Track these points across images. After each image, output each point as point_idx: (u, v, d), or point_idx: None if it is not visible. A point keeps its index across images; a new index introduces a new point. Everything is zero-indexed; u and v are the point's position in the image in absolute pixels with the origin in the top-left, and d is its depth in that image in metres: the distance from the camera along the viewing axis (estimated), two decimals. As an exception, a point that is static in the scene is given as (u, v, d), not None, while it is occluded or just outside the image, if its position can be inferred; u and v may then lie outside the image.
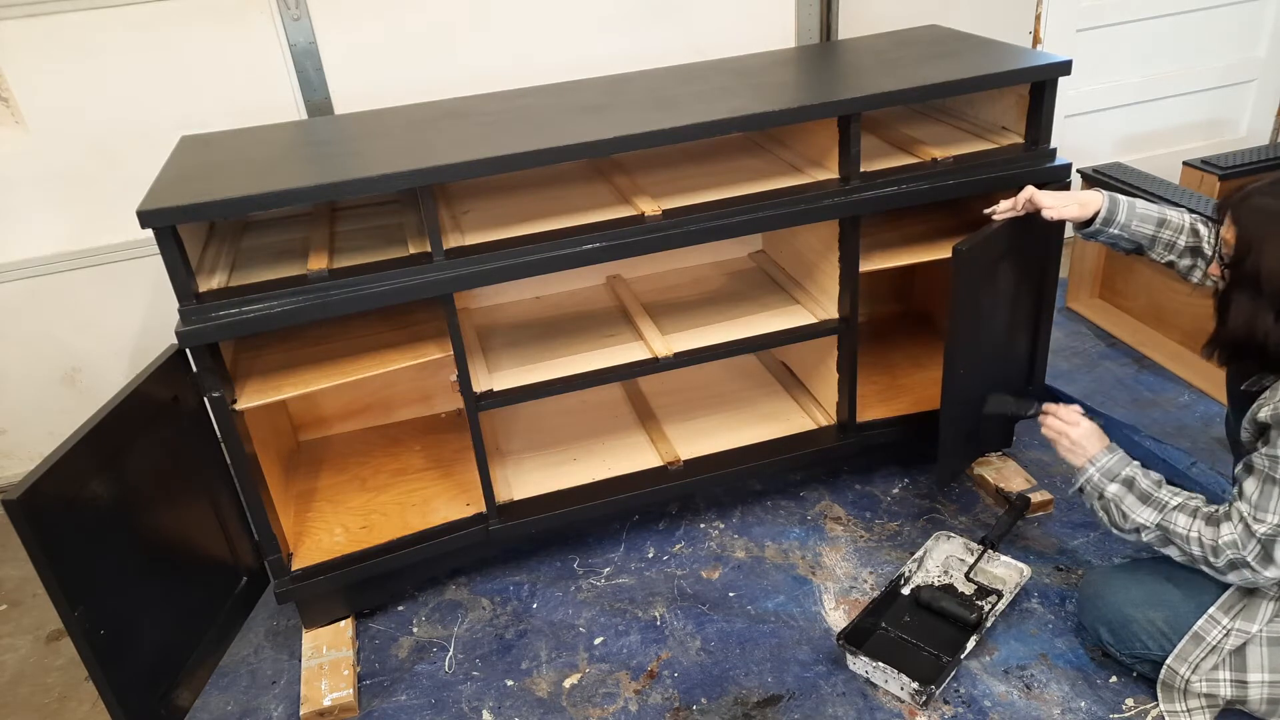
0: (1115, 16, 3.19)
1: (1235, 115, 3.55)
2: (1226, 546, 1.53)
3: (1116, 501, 1.67)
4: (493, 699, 1.88)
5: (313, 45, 2.33)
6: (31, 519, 1.53)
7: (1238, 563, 1.53)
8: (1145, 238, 1.83)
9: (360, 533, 2.07)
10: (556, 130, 1.89)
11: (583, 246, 1.85)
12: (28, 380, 2.51)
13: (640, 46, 2.55)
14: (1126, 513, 1.66)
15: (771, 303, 2.28)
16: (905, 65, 2.10)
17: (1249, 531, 1.51)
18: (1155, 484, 1.66)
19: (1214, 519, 1.57)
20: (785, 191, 1.97)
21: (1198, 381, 2.61)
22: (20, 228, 2.33)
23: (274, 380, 1.86)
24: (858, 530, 2.23)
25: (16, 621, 2.22)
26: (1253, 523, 1.51)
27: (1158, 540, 1.64)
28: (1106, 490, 1.69)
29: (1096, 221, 1.83)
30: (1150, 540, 1.65)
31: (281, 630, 2.10)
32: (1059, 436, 1.78)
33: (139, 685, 1.77)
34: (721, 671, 1.89)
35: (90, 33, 2.18)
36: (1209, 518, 1.58)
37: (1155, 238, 1.82)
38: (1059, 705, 1.75)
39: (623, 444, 2.30)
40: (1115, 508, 1.68)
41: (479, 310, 2.41)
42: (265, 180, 1.73)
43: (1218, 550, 1.54)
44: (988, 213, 1.93)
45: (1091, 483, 1.72)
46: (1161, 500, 1.63)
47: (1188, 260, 1.81)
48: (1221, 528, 1.55)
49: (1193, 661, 1.63)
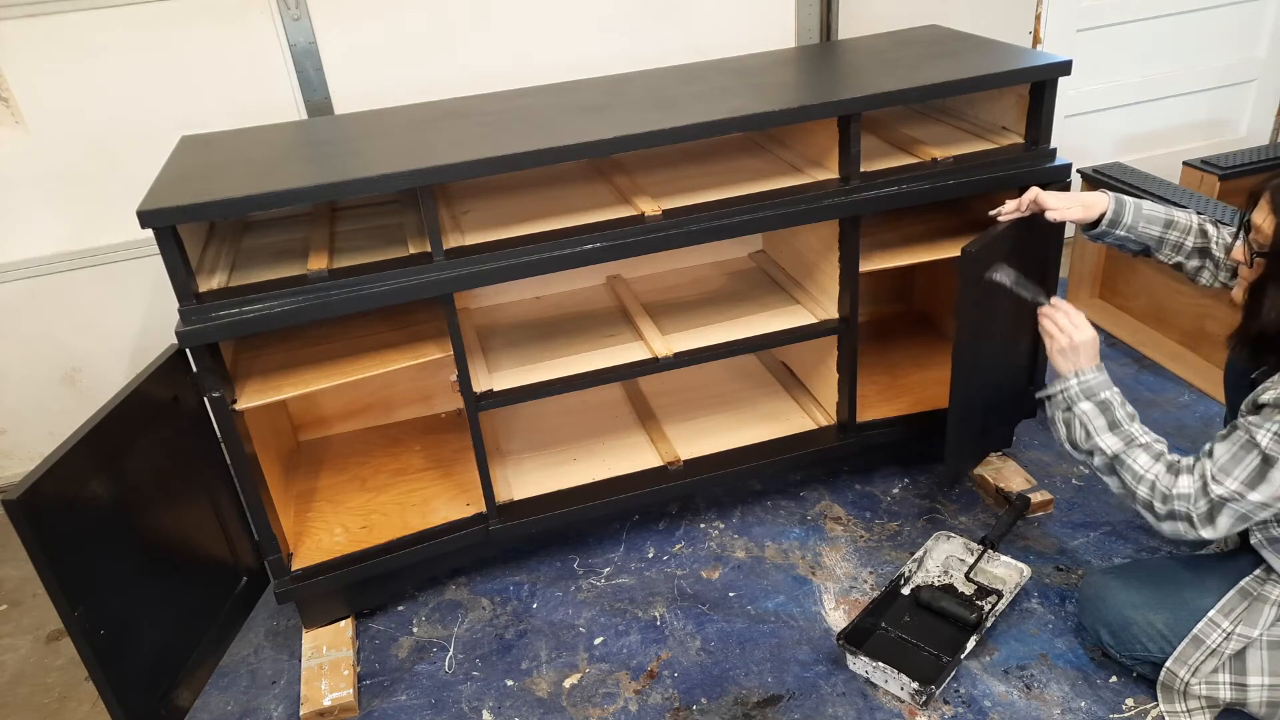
0: (1115, 16, 3.19)
1: (1235, 115, 3.54)
2: (1177, 498, 1.53)
3: (1085, 419, 1.64)
4: (493, 699, 1.88)
5: (313, 45, 2.33)
6: (31, 519, 1.53)
7: (1179, 514, 1.53)
8: (1152, 239, 1.81)
9: (360, 533, 2.07)
10: (556, 130, 1.89)
11: (583, 246, 1.85)
12: (28, 380, 2.51)
13: (640, 46, 2.55)
14: (1091, 433, 1.63)
15: (771, 303, 2.28)
16: (905, 65, 2.10)
17: (1204, 490, 1.50)
18: (1129, 416, 1.64)
19: (1175, 468, 1.56)
20: (785, 191, 1.97)
21: (1198, 381, 2.61)
22: (20, 228, 2.33)
23: (274, 380, 1.86)
24: (858, 530, 2.23)
25: (16, 621, 2.22)
26: (1211, 482, 1.50)
27: (1104, 467, 1.63)
28: (1078, 405, 1.65)
29: (1103, 223, 1.82)
30: (1097, 465, 1.64)
31: (281, 630, 2.10)
32: (1059, 333, 1.70)
33: (139, 685, 1.77)
34: (721, 671, 1.89)
35: (90, 33, 2.18)
36: (1170, 465, 1.57)
37: (1162, 239, 1.81)
38: (1059, 705, 1.75)
39: (623, 444, 2.30)
40: (1080, 425, 1.64)
41: (479, 310, 2.41)
42: (265, 180, 1.73)
43: (1167, 498, 1.54)
44: (993, 214, 1.93)
45: (1068, 393, 1.67)
46: (1130, 434, 1.62)
47: (1195, 261, 1.80)
48: (1180, 478, 1.54)
49: (1192, 664, 1.63)
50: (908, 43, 2.30)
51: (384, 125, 2.05)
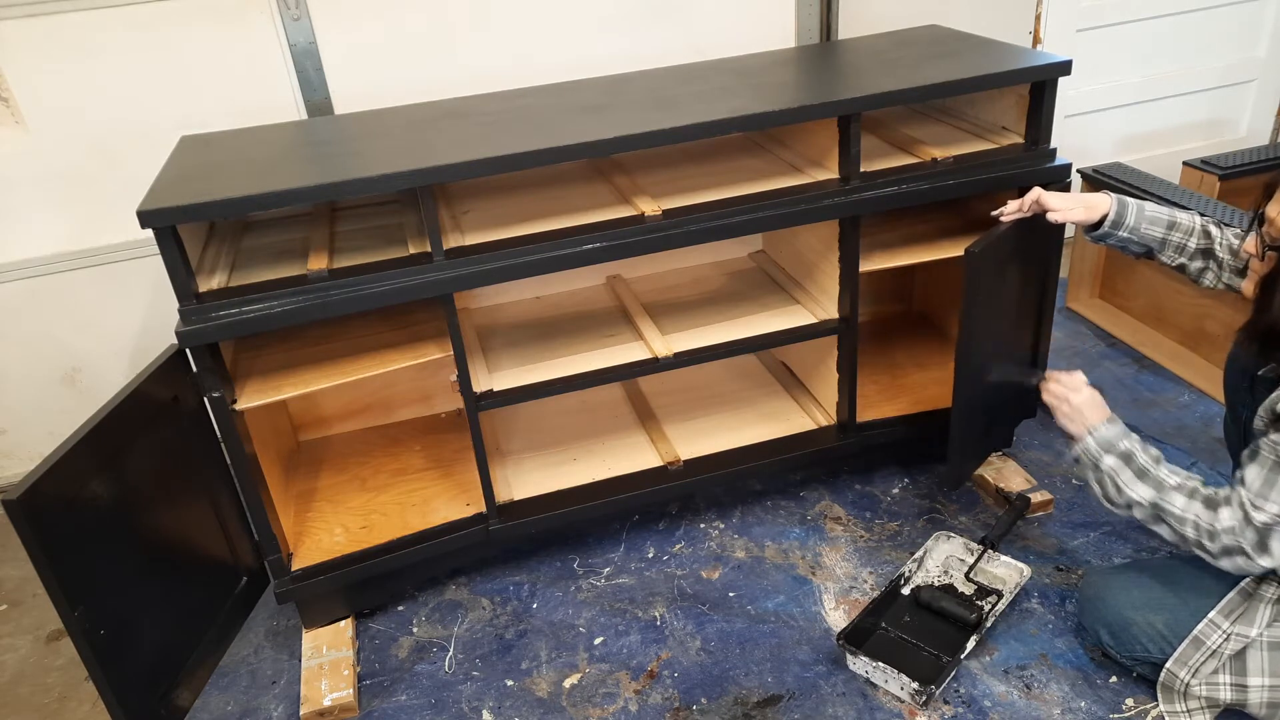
0: (1115, 16, 3.19)
1: (1235, 115, 3.55)
2: (1223, 532, 1.51)
3: (1113, 474, 1.64)
4: (493, 699, 1.88)
5: (313, 45, 2.33)
6: (31, 519, 1.53)
7: (1233, 549, 1.50)
8: (1155, 240, 1.80)
9: (360, 533, 2.07)
10: (556, 130, 1.89)
11: (583, 246, 1.85)
12: (28, 380, 2.51)
13: (640, 46, 2.55)
14: (1121, 487, 1.63)
15: (771, 303, 2.28)
16: (905, 65, 2.10)
17: (1247, 519, 1.48)
18: (1153, 460, 1.63)
19: (1212, 502, 1.54)
20: (785, 191, 1.97)
21: (1198, 381, 2.61)
22: (20, 228, 2.33)
23: (274, 380, 1.86)
24: (858, 530, 2.23)
25: (16, 621, 2.22)
26: (1252, 510, 1.48)
27: (1149, 518, 1.61)
28: (1102, 462, 1.65)
29: (1105, 224, 1.81)
30: (1142, 517, 1.63)
31: (281, 630, 2.10)
32: (1059, 403, 1.73)
33: (139, 685, 1.77)
34: (721, 671, 1.89)
35: (90, 33, 2.18)
36: (1207, 500, 1.55)
37: (1165, 240, 1.79)
38: (1059, 705, 1.75)
39: (623, 444, 2.30)
40: (1110, 480, 1.64)
41: (479, 310, 2.41)
42: (265, 180, 1.73)
43: (1214, 535, 1.52)
44: (995, 214, 1.93)
45: (1088, 453, 1.68)
46: (1159, 478, 1.60)
47: (1199, 263, 1.79)
48: (1220, 512, 1.52)
49: (1193, 665, 1.62)
50: (908, 43, 2.30)
51: (384, 125, 2.05)
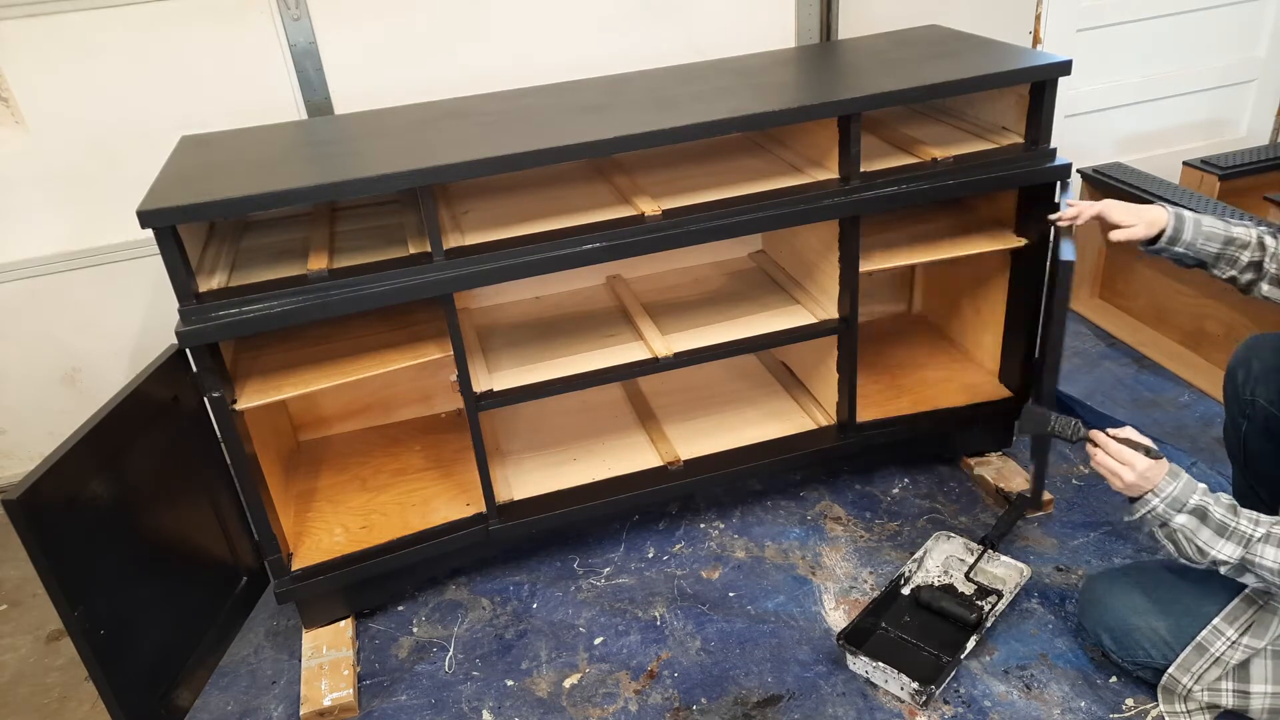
0: (1115, 16, 3.19)
1: (1235, 115, 3.54)
2: None
3: (1188, 534, 1.51)
4: (493, 699, 1.88)
5: (313, 45, 2.33)
6: (31, 519, 1.53)
7: None
8: (1210, 255, 1.75)
9: (360, 533, 2.06)
10: (556, 130, 1.89)
11: (583, 246, 1.85)
12: (28, 380, 2.51)
13: (640, 46, 2.55)
14: (1203, 548, 1.50)
15: (771, 303, 2.28)
16: (905, 65, 2.10)
17: None
18: (1229, 510, 1.50)
19: None
20: (785, 191, 1.97)
21: (1198, 381, 2.61)
22: (20, 228, 2.33)
23: (274, 380, 1.86)
24: (858, 530, 2.23)
25: (16, 621, 2.22)
26: None
27: (1235, 572, 1.51)
28: (1173, 521, 1.52)
29: (1161, 239, 1.75)
30: (1227, 573, 1.52)
31: (281, 630, 2.10)
32: (1112, 477, 1.57)
33: (139, 685, 1.77)
34: (721, 671, 1.89)
35: (90, 33, 2.18)
36: None
37: (1220, 255, 1.74)
38: (1059, 705, 1.75)
39: (623, 444, 2.30)
40: (1187, 541, 1.51)
41: (479, 310, 2.41)
42: (265, 180, 1.73)
43: None
44: (1052, 219, 1.88)
45: (1155, 514, 1.53)
46: (1244, 533, 1.48)
47: (1250, 275, 1.74)
48: None
49: (1196, 672, 1.62)
50: (908, 43, 2.30)
51: (384, 125, 2.05)
